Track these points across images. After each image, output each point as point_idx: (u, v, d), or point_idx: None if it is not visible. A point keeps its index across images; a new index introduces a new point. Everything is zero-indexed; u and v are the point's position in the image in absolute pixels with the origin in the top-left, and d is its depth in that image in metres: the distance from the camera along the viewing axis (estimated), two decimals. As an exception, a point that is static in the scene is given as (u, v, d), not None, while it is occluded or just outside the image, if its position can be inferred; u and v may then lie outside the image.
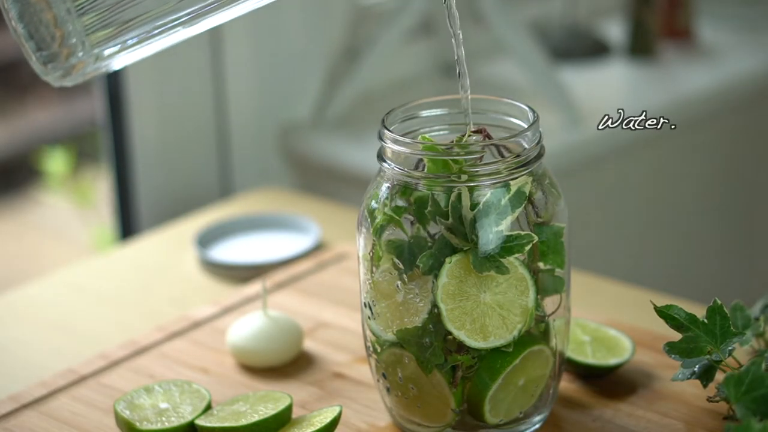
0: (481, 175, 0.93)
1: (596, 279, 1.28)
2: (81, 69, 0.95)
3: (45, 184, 2.71)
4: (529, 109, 0.98)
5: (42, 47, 0.93)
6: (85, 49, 0.93)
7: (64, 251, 2.77)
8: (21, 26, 0.92)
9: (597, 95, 1.94)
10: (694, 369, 0.97)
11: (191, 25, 0.93)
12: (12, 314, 1.27)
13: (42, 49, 0.93)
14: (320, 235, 1.40)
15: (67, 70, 0.94)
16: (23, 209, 2.92)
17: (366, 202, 0.97)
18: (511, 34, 1.82)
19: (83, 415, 1.05)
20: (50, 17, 0.92)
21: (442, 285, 0.93)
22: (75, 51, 0.93)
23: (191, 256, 1.38)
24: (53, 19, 0.92)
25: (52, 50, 0.93)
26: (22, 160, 2.93)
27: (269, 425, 0.97)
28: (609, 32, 2.17)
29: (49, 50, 0.93)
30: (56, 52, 0.93)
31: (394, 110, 0.99)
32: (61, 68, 0.94)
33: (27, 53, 0.94)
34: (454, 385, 0.96)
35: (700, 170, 2.09)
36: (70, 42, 0.92)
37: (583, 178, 1.86)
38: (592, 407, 1.03)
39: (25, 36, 0.93)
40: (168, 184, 1.69)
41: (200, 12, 0.92)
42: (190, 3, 0.92)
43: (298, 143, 1.79)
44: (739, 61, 2.08)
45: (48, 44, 0.93)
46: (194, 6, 0.92)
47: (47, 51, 0.93)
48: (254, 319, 1.12)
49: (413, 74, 1.96)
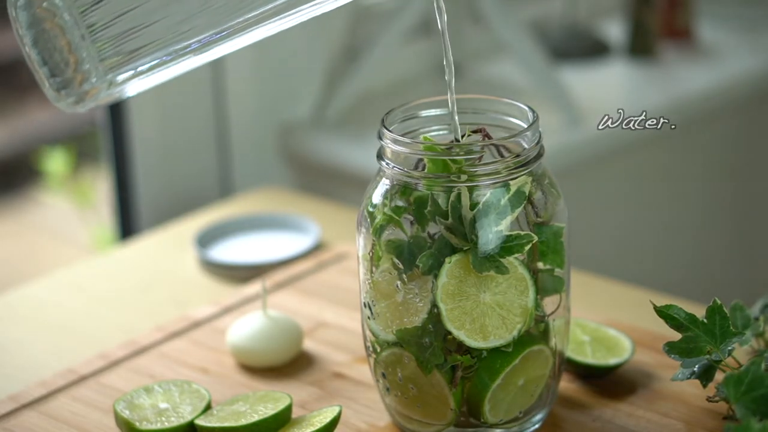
0: (480, 175, 0.93)
1: (596, 279, 1.28)
2: (94, 95, 0.95)
3: (45, 184, 2.71)
4: (529, 109, 0.98)
5: (56, 73, 0.93)
6: (98, 74, 0.93)
7: (64, 251, 2.77)
8: (35, 52, 0.93)
9: (597, 95, 1.93)
10: (694, 369, 0.97)
11: (202, 52, 0.94)
12: (12, 314, 1.27)
13: (56, 75, 0.93)
14: (320, 235, 1.40)
15: (81, 96, 0.94)
16: (23, 209, 2.92)
17: (366, 202, 0.97)
18: (511, 34, 1.82)
19: (83, 415, 1.05)
20: (64, 43, 0.92)
21: (442, 285, 0.93)
22: (89, 77, 0.93)
23: (191, 256, 1.38)
24: (67, 45, 0.92)
25: (66, 76, 0.93)
26: (22, 160, 2.93)
27: (269, 425, 0.97)
28: (609, 32, 2.17)
29: (63, 76, 0.93)
30: (70, 77, 0.93)
31: (393, 110, 0.99)
32: (74, 94, 0.94)
33: (40, 79, 0.94)
34: (453, 385, 0.96)
35: (700, 170, 2.09)
36: (84, 68, 0.93)
37: (583, 178, 1.86)
38: (591, 407, 1.03)
39: (39, 62, 0.93)
40: (168, 184, 1.69)
41: (211, 40, 0.93)
42: (200, 31, 0.92)
43: (298, 143, 1.79)
44: (739, 61, 2.08)
45: (62, 70, 0.93)
46: (204, 34, 0.92)
47: (61, 77, 0.93)
48: (254, 319, 1.12)
49: (413, 74, 1.96)
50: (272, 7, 0.92)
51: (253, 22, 0.92)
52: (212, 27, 0.93)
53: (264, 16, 0.92)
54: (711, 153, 2.09)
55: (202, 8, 0.92)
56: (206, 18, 0.92)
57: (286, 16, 0.92)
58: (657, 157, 2.00)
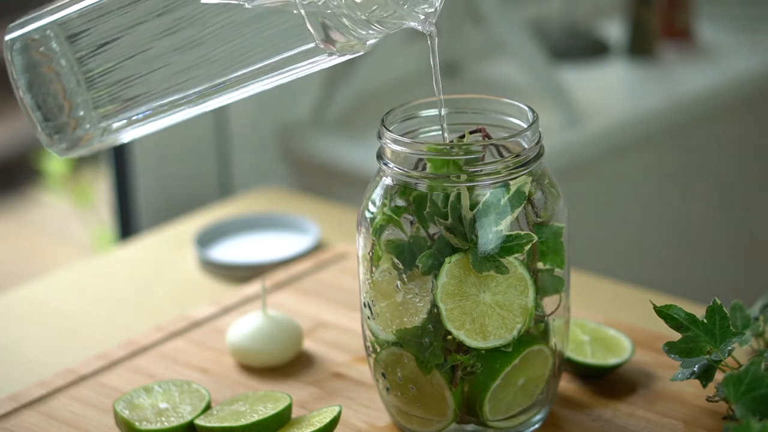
0: (480, 175, 0.93)
1: (596, 279, 1.28)
2: (88, 141, 0.95)
3: (44, 184, 2.71)
4: (529, 109, 0.98)
5: (49, 118, 0.93)
6: (92, 122, 0.93)
7: (64, 251, 2.77)
8: (29, 96, 0.92)
9: (597, 95, 1.94)
10: (694, 369, 0.97)
11: (198, 104, 0.94)
12: (12, 314, 1.27)
13: (49, 119, 0.93)
14: (320, 235, 1.40)
15: (74, 141, 0.94)
16: (23, 209, 2.92)
17: (365, 202, 0.97)
18: (511, 34, 1.82)
19: (83, 415, 1.05)
20: (59, 88, 0.92)
21: (442, 285, 0.93)
22: (82, 123, 0.93)
23: (191, 256, 1.38)
24: (62, 90, 0.92)
25: (59, 121, 0.93)
26: (22, 160, 2.93)
27: (269, 425, 0.97)
28: (608, 32, 2.17)
29: (57, 121, 0.93)
30: (64, 123, 0.93)
31: (393, 110, 0.99)
32: (67, 140, 0.94)
33: (33, 124, 0.94)
34: (453, 385, 0.96)
35: (699, 170, 2.09)
36: (77, 114, 0.93)
37: (583, 178, 1.86)
38: (591, 407, 1.03)
39: (32, 106, 0.93)
40: (168, 184, 1.69)
41: (206, 92, 0.93)
42: (197, 83, 0.92)
43: (298, 143, 1.79)
44: (739, 61, 2.08)
45: (55, 115, 0.93)
46: (200, 87, 0.92)
47: (54, 122, 0.93)
48: (254, 319, 1.12)
49: (413, 74, 1.96)
50: (269, 64, 0.91)
51: (250, 77, 0.92)
52: (210, 79, 0.92)
53: (260, 72, 0.92)
54: (710, 153, 2.09)
55: (200, 60, 0.92)
56: (204, 70, 0.92)
57: (282, 73, 0.92)
58: (657, 157, 2.00)
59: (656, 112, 1.93)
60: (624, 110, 1.91)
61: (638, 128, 1.90)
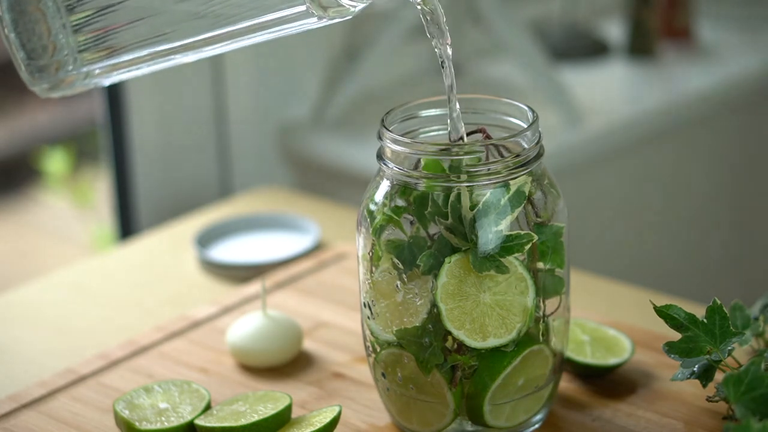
0: (480, 174, 0.93)
1: (596, 279, 1.28)
2: (70, 83, 0.95)
3: (45, 184, 2.71)
4: (529, 109, 0.98)
5: (33, 57, 0.93)
6: (75, 65, 0.93)
7: (64, 251, 2.77)
8: (13, 35, 0.93)
9: (597, 95, 1.94)
10: (694, 369, 0.97)
11: (182, 54, 0.94)
12: (12, 314, 1.27)
13: (33, 59, 0.93)
14: (320, 235, 1.40)
15: (56, 83, 0.94)
16: (23, 209, 2.92)
17: (365, 202, 0.97)
18: (511, 34, 1.82)
19: (83, 415, 1.05)
20: (44, 29, 0.92)
21: (442, 285, 0.93)
22: (65, 65, 0.93)
23: (191, 256, 1.38)
24: (47, 31, 0.92)
25: (42, 61, 0.93)
26: (21, 160, 2.93)
27: (269, 425, 0.97)
28: (608, 32, 2.17)
29: (40, 61, 0.93)
30: (46, 63, 0.93)
31: (393, 110, 0.99)
32: (49, 80, 0.94)
33: (16, 62, 0.94)
34: (453, 385, 0.96)
35: (699, 170, 2.09)
36: (61, 56, 0.93)
37: (583, 178, 1.86)
38: (591, 407, 1.03)
39: (16, 44, 0.93)
40: (168, 184, 1.69)
41: (192, 45, 0.93)
42: (182, 36, 0.92)
43: (298, 143, 1.79)
44: (739, 61, 2.08)
45: (39, 55, 0.93)
46: (186, 40, 0.92)
47: (38, 62, 0.93)
48: (254, 319, 1.12)
49: (413, 74, 1.96)
50: (257, 23, 0.91)
51: (238, 34, 0.92)
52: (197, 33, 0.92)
53: (248, 30, 0.92)
54: (710, 153, 2.09)
55: (189, 16, 0.92)
56: (192, 24, 0.92)
57: (270, 32, 0.92)
58: (657, 157, 2.00)
59: (656, 112, 1.93)
60: (624, 110, 1.91)
61: (638, 128, 1.90)
